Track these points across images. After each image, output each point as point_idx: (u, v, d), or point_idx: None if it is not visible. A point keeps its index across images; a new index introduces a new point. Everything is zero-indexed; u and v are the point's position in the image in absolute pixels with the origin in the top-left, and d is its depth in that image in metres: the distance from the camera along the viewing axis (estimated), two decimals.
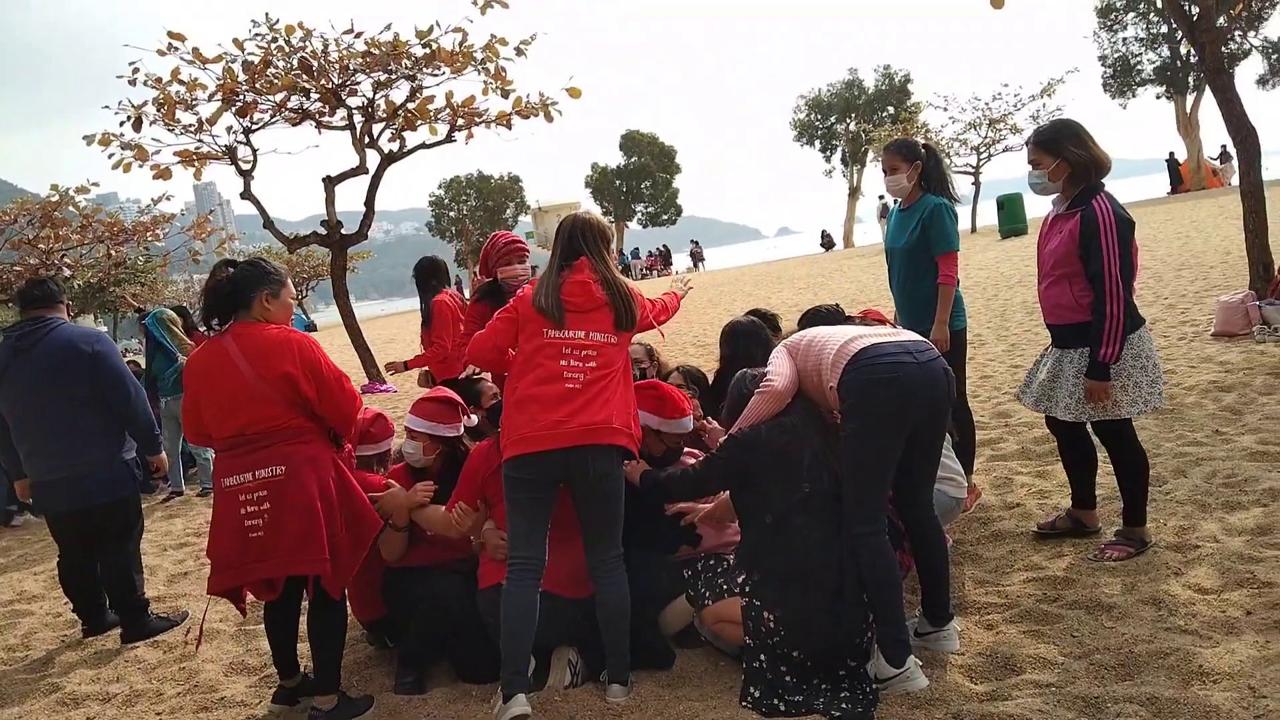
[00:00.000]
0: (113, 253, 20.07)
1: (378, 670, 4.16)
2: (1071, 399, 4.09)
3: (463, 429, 4.28)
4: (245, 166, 13.42)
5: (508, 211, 63.62)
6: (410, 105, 13.41)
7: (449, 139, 13.90)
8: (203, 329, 3.53)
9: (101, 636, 5.09)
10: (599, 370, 3.49)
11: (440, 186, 64.83)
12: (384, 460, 4.43)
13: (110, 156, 12.41)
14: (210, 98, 12.43)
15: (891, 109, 50.50)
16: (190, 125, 12.64)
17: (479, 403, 5.00)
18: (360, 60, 12.75)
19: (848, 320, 4.19)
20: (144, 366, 9.08)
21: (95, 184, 17.13)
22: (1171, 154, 38.08)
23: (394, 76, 13.05)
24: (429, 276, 6.82)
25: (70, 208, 18.22)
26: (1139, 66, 41.87)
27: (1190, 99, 38.35)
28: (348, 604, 3.87)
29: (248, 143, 13.32)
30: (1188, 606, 3.58)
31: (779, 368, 3.62)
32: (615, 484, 3.52)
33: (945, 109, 34.11)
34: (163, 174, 12.64)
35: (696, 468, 3.74)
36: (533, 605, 3.42)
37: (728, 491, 3.76)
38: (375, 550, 4.06)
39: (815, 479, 3.46)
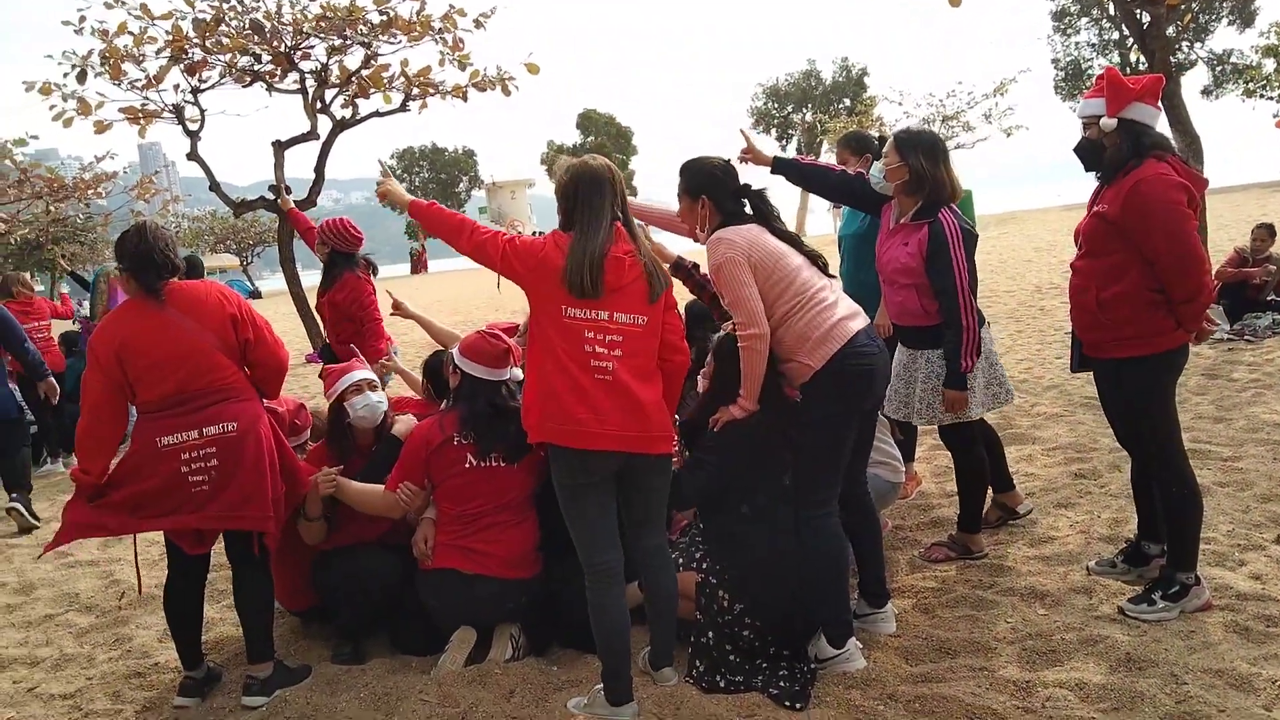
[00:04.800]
0: (51, 209, 19.47)
1: (314, 641, 4.12)
2: (922, 404, 4.04)
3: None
4: (193, 127, 13.08)
5: (461, 185, 63.08)
6: (364, 72, 13.18)
7: (403, 108, 13.68)
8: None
9: (30, 600, 4.98)
10: (627, 359, 3.03)
11: (393, 156, 64.07)
12: (302, 450, 4.37)
13: (51, 108, 12.00)
14: (158, 53, 12.09)
15: (848, 101, 50.97)
16: (137, 81, 12.27)
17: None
18: (314, 24, 12.48)
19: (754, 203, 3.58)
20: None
21: (35, 137, 16.58)
22: None
23: (349, 42, 12.79)
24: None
25: (7, 160, 17.63)
26: (1090, 71, 42.76)
27: None
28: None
29: (196, 102, 12.98)
30: (1117, 597, 3.67)
31: (747, 303, 3.27)
32: (665, 477, 3.25)
33: (900, 104, 34.64)
34: (103, 128, 12.25)
35: (700, 476, 3.49)
36: (623, 612, 3.15)
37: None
38: (300, 540, 4.00)
39: (789, 469, 3.47)
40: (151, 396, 3.42)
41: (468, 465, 3.74)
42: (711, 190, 3.48)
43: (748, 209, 3.51)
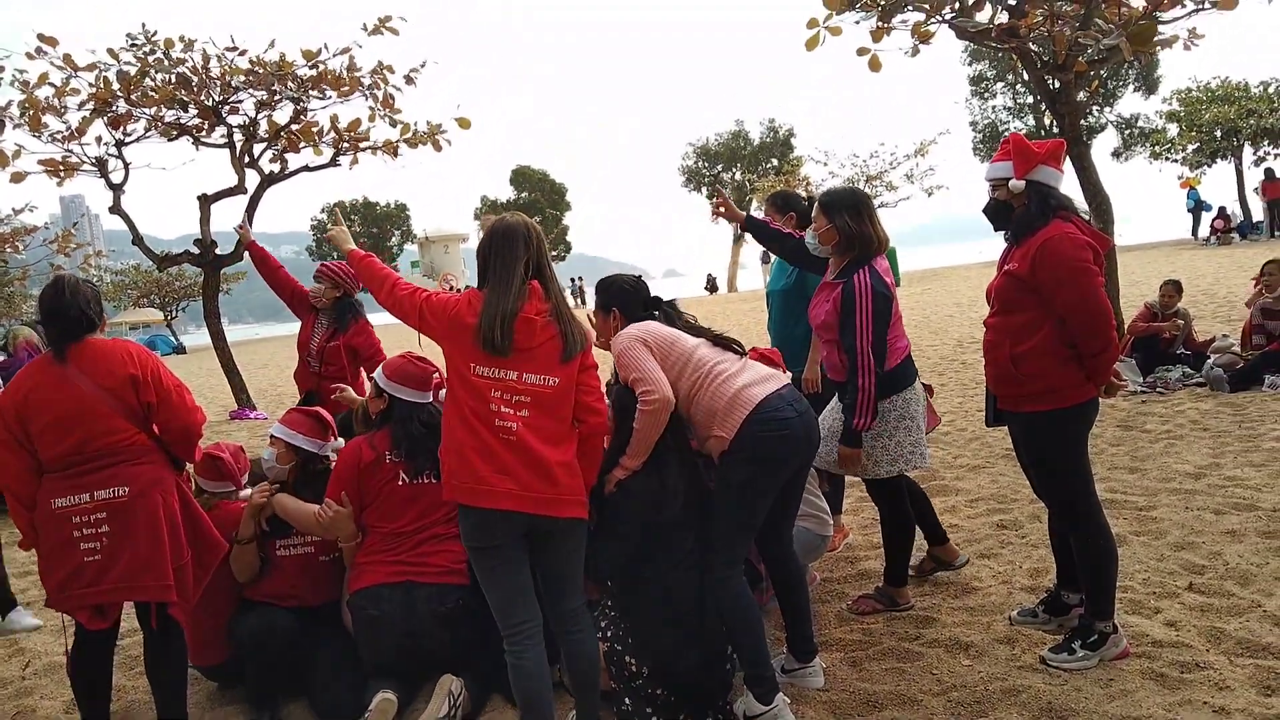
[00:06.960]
0: None
1: (231, 708, 3.97)
2: (836, 455, 4.08)
3: (327, 450, 4.20)
4: (116, 180, 12.84)
5: (393, 239, 62.63)
6: (294, 127, 13.10)
7: (333, 163, 13.60)
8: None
9: None
10: (534, 420, 3.00)
11: (323, 210, 63.39)
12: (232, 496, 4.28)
13: None
14: (81, 105, 11.88)
15: (775, 161, 52.01)
16: (59, 133, 12.02)
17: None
18: (243, 78, 12.40)
19: (663, 310, 3.81)
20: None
21: None
22: None
23: (278, 97, 12.73)
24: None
25: None
26: (1007, 133, 44.39)
27: None
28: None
29: (120, 155, 12.76)
30: (1039, 646, 3.73)
31: (650, 373, 3.32)
32: (578, 540, 3.18)
33: (825, 164, 35.48)
34: (19, 178, 11.94)
35: (612, 546, 3.45)
36: (545, 671, 3.07)
37: None
38: (220, 590, 3.90)
39: (695, 533, 3.47)
40: (50, 456, 3.32)
41: (400, 482, 3.81)
42: (622, 303, 3.74)
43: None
